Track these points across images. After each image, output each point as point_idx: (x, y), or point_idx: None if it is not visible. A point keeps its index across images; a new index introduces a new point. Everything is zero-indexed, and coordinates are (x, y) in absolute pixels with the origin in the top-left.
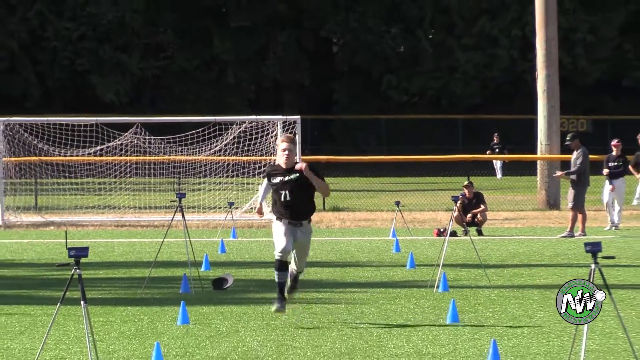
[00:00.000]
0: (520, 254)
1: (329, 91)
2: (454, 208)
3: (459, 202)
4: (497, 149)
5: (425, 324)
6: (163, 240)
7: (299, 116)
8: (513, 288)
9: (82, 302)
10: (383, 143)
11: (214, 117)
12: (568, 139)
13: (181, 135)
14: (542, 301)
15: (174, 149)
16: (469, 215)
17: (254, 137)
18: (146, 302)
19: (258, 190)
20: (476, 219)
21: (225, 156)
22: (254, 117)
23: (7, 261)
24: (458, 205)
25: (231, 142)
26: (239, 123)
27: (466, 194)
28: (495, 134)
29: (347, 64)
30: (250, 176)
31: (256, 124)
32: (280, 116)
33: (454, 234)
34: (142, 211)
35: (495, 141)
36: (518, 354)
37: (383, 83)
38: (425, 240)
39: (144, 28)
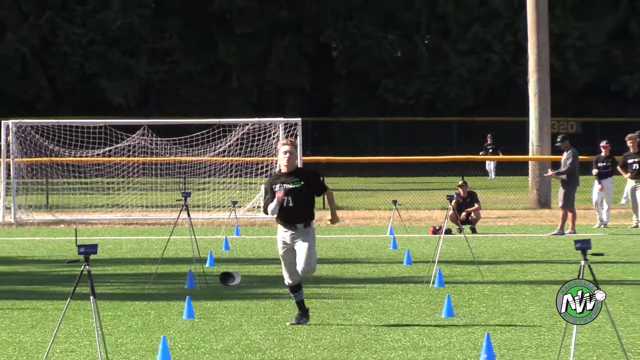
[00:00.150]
0: (512, 251)
1: (328, 94)
2: (449, 207)
3: (453, 201)
4: (491, 150)
5: (421, 318)
6: (169, 238)
7: (299, 118)
8: (505, 284)
9: (91, 297)
10: (380, 144)
11: (218, 120)
12: (558, 140)
13: (187, 136)
14: (533, 296)
15: (180, 150)
16: (463, 214)
17: (256, 138)
18: (153, 297)
19: (260, 194)
20: (470, 217)
21: (229, 157)
22: (256, 119)
23: (20, 258)
24: (453, 204)
25: (235, 143)
26: (242, 125)
27: (461, 193)
28: (488, 135)
29: (346, 68)
30: (253, 176)
31: (259, 126)
32: (282, 118)
33: (448, 231)
34: (149, 210)
35: (488, 142)
36: (510, 347)
37: (381, 87)
38: (421, 238)
39: (151, 34)
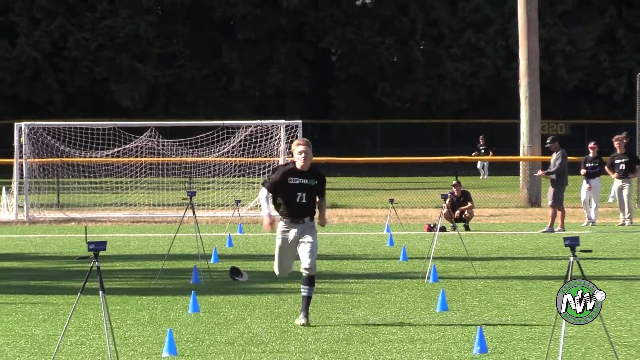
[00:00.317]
0: (504, 247)
1: (327, 97)
2: (443, 205)
3: (447, 199)
4: (483, 151)
5: (416, 312)
6: (175, 235)
7: (300, 121)
8: (498, 279)
9: (100, 292)
10: (378, 145)
11: (222, 122)
12: (548, 141)
13: (192, 138)
14: (524, 291)
15: (185, 151)
16: (457, 212)
17: (258, 139)
18: (160, 292)
19: (262, 194)
20: (464, 216)
21: (233, 157)
22: (258, 121)
23: (32, 254)
24: (447, 202)
25: (238, 144)
26: (245, 127)
27: (454, 192)
28: (481, 136)
29: (344, 72)
30: (256, 176)
31: (261, 127)
32: (283, 121)
33: (443, 229)
34: (156, 208)
35: (481, 143)
36: (502, 340)
37: (378, 90)
38: (416, 235)
39: (158, 39)
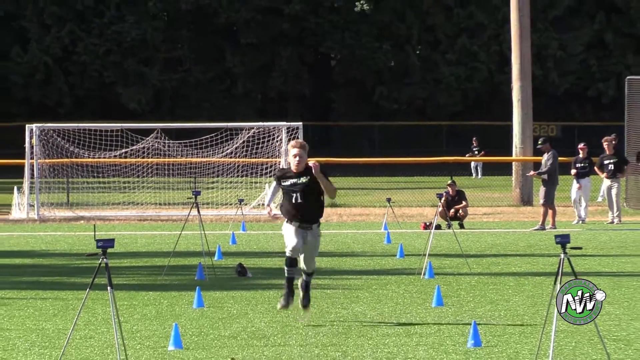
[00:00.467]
0: (497, 245)
1: (327, 100)
2: (438, 204)
3: (443, 198)
4: (476, 152)
5: (413, 307)
6: (180, 233)
7: (300, 123)
8: (491, 275)
9: (108, 288)
10: (376, 146)
11: (225, 124)
12: (540, 142)
13: (196, 139)
14: (517, 287)
15: (190, 152)
16: (452, 211)
17: (261, 141)
18: (165, 287)
19: (267, 191)
20: (458, 214)
21: (236, 158)
22: (261, 123)
23: (42, 251)
24: (442, 201)
25: (241, 145)
26: (247, 129)
27: (449, 191)
28: (474, 138)
29: (343, 76)
30: (258, 176)
31: (263, 129)
32: (284, 123)
33: (438, 227)
34: (162, 207)
35: (474, 145)
36: (496, 334)
37: (376, 93)
38: (413, 233)
39: (163, 44)
